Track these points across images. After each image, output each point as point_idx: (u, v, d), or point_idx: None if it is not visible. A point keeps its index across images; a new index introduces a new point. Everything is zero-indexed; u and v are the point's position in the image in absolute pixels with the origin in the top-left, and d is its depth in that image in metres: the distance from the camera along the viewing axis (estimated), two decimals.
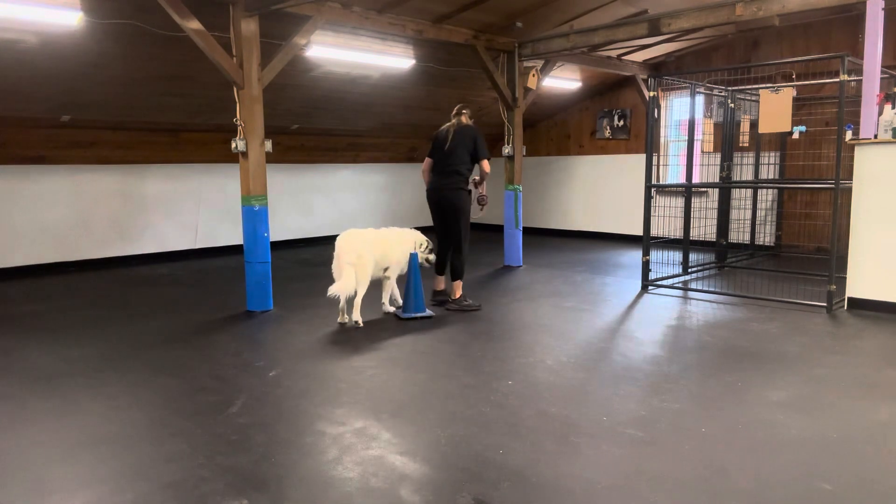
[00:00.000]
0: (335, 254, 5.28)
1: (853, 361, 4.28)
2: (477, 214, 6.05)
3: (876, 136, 5.40)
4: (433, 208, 5.94)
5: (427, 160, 5.97)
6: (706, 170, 8.02)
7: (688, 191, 7.82)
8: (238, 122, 5.60)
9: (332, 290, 5.09)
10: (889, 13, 5.68)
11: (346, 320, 5.32)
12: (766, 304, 5.88)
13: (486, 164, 5.86)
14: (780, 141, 8.44)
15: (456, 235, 5.82)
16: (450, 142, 5.78)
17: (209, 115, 8.06)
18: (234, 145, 5.60)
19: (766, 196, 8.89)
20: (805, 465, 2.83)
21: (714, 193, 8.83)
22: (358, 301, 5.23)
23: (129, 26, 5.74)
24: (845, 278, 5.68)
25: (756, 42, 9.17)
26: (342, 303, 5.29)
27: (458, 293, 5.85)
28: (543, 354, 4.47)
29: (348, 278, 5.12)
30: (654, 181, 6.77)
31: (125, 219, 8.46)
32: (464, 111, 5.93)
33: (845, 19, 8.10)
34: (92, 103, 7.11)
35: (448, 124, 5.93)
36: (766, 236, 8.92)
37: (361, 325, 5.22)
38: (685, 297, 6.33)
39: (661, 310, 5.81)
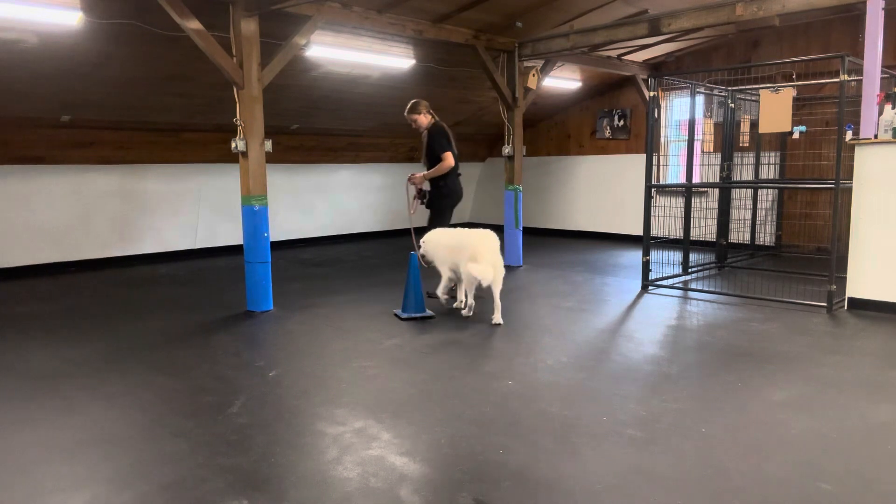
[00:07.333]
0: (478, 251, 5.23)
1: (853, 361, 4.28)
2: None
3: (876, 136, 5.40)
4: (454, 205, 6.26)
5: (451, 155, 6.07)
6: (706, 170, 8.02)
7: (688, 191, 7.82)
8: (238, 122, 5.60)
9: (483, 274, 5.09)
10: (889, 13, 5.68)
11: (464, 308, 5.54)
12: (767, 304, 5.88)
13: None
14: (781, 141, 8.44)
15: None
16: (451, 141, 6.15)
17: (209, 115, 8.05)
18: (234, 145, 5.60)
19: (766, 196, 8.89)
20: (805, 465, 2.83)
21: (714, 193, 8.83)
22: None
23: (129, 26, 5.74)
24: (845, 278, 5.68)
25: (756, 42, 9.17)
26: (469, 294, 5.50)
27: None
28: (543, 354, 4.47)
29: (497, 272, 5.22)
30: (654, 181, 6.77)
31: (125, 219, 8.45)
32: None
33: (845, 19, 8.10)
34: (92, 103, 7.11)
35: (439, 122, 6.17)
36: (766, 236, 8.91)
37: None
38: (685, 298, 6.33)
39: (662, 310, 5.81)
